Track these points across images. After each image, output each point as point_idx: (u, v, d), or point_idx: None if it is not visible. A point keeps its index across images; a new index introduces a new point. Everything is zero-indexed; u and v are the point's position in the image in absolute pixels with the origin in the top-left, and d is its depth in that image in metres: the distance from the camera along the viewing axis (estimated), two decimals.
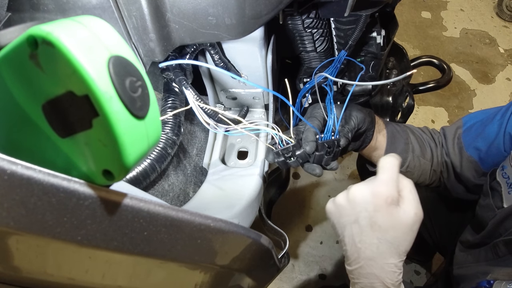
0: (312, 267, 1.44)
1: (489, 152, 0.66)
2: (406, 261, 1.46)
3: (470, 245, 0.70)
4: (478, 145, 0.68)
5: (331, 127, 0.62)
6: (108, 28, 0.24)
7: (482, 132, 0.68)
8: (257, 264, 0.49)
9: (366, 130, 0.70)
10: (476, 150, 0.69)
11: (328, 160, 0.60)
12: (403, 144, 0.74)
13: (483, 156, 0.68)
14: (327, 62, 0.81)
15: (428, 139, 0.76)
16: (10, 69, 0.25)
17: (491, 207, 0.62)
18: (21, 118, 0.27)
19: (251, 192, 0.69)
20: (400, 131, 0.75)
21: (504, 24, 2.52)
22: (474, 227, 0.69)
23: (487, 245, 0.64)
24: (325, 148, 0.59)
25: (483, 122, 0.70)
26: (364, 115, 0.68)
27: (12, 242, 0.27)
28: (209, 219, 0.33)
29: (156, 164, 0.62)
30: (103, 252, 0.30)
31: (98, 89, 0.21)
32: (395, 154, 0.50)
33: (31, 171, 0.24)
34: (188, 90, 0.59)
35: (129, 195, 0.27)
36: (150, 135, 0.25)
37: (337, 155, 0.63)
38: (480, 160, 0.68)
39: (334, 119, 0.63)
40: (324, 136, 0.61)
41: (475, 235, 0.68)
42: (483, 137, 0.68)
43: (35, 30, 0.22)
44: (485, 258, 0.65)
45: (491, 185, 0.64)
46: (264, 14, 0.52)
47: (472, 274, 0.65)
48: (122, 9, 0.46)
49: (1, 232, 0.25)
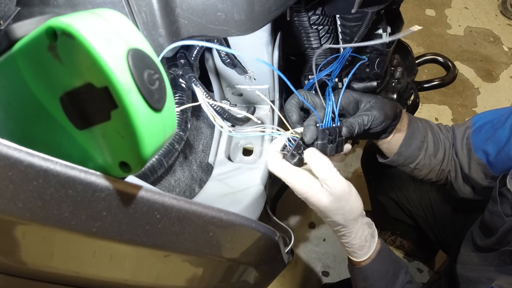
0: (315, 264, 1.44)
1: (499, 157, 0.65)
2: (409, 258, 1.47)
3: (477, 248, 0.69)
4: (487, 148, 0.67)
5: (329, 113, 0.60)
6: (126, 21, 0.24)
7: (492, 136, 0.66)
8: (265, 259, 0.49)
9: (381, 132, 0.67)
10: (485, 153, 0.67)
11: (332, 150, 0.59)
12: (419, 142, 0.72)
13: (492, 160, 0.66)
14: (332, 58, 0.81)
15: (444, 139, 0.75)
16: (27, 61, 0.25)
17: (499, 214, 0.61)
18: (37, 110, 0.27)
19: (256, 188, 0.70)
20: (421, 128, 0.73)
21: (508, 22, 2.51)
22: (484, 231, 0.68)
23: (495, 251, 0.63)
24: (326, 135, 0.57)
25: (493, 124, 0.68)
26: (383, 118, 0.63)
27: (26, 233, 0.27)
28: (222, 212, 0.34)
29: (163, 159, 0.62)
30: (115, 244, 0.30)
31: (118, 81, 0.21)
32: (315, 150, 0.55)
33: (48, 162, 0.24)
34: (198, 87, 0.59)
35: (144, 187, 0.27)
36: (166, 127, 0.25)
37: (341, 145, 0.61)
38: (489, 164, 0.67)
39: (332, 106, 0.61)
40: (324, 124, 0.59)
41: (484, 240, 0.67)
42: (493, 140, 0.66)
43: (54, 21, 0.22)
44: (491, 263, 0.64)
45: (500, 191, 0.62)
46: (273, 10, 0.52)
47: (476, 277, 0.65)
48: (132, 4, 0.47)
49: (14, 223, 0.25)
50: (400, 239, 1.44)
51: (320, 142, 0.57)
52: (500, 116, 0.68)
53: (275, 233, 0.46)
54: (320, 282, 1.41)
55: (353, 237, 0.58)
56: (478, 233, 0.70)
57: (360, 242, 0.58)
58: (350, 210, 0.54)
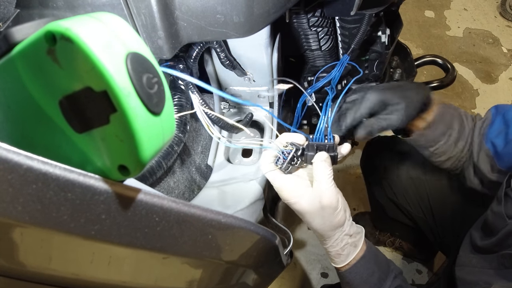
0: (314, 265, 1.44)
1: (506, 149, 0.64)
2: (408, 260, 1.47)
3: (476, 249, 0.69)
4: (496, 141, 0.66)
5: (322, 130, 0.59)
6: (125, 25, 0.24)
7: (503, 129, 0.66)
8: (264, 261, 0.49)
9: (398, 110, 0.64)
10: (493, 145, 0.67)
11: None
12: (445, 127, 0.70)
13: (500, 151, 0.65)
14: (330, 67, 0.81)
15: (469, 130, 0.73)
16: (26, 65, 0.25)
17: (502, 216, 0.60)
18: (36, 113, 0.27)
19: (255, 190, 0.70)
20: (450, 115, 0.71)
21: (507, 24, 2.52)
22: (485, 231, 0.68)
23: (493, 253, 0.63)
24: (314, 150, 0.57)
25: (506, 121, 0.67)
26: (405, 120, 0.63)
27: (25, 236, 0.27)
28: (221, 214, 0.34)
29: (162, 161, 0.62)
30: (114, 247, 0.30)
31: (117, 85, 0.21)
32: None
33: (47, 166, 0.24)
34: (195, 95, 0.59)
35: (143, 190, 0.28)
36: (165, 131, 0.25)
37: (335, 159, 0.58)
38: (496, 156, 0.66)
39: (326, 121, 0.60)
40: (315, 138, 0.58)
41: (484, 240, 0.67)
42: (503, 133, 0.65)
43: (53, 25, 0.22)
44: (489, 265, 0.63)
45: (506, 192, 0.62)
46: (272, 13, 0.52)
47: (474, 280, 0.64)
48: (131, 7, 0.47)
49: (13, 226, 0.25)
50: (399, 240, 1.44)
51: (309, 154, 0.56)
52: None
53: (275, 236, 0.46)
54: (319, 283, 1.41)
55: (329, 246, 0.59)
56: (478, 233, 0.70)
57: (336, 251, 0.59)
58: (330, 222, 0.56)
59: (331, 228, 0.57)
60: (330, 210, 0.54)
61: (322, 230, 0.57)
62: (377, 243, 1.46)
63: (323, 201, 0.53)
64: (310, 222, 0.57)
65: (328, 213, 0.54)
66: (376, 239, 1.45)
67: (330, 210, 0.54)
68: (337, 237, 0.58)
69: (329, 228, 0.56)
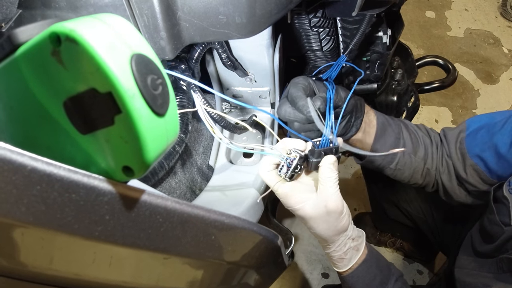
0: (315, 265, 1.44)
1: (500, 164, 0.64)
2: (409, 260, 1.47)
3: (476, 253, 0.69)
4: (484, 155, 0.65)
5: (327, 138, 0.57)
6: (129, 26, 0.24)
7: (489, 141, 0.65)
8: (266, 261, 0.49)
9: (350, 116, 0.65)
10: (482, 160, 0.66)
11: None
12: (394, 138, 0.70)
13: (492, 167, 0.65)
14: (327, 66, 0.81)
15: (423, 136, 0.73)
16: (30, 66, 0.25)
17: (498, 224, 0.61)
18: (40, 114, 0.27)
19: (257, 190, 0.70)
20: (393, 124, 0.71)
21: (508, 24, 2.52)
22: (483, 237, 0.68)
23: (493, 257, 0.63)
24: (321, 156, 0.55)
25: (489, 129, 0.66)
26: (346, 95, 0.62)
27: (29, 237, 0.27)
28: (224, 215, 0.34)
29: (164, 161, 0.62)
30: (117, 248, 0.30)
31: (122, 86, 0.21)
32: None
33: (51, 167, 0.24)
34: (197, 94, 0.59)
35: (147, 191, 0.28)
36: (169, 132, 0.25)
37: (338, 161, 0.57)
38: (488, 170, 0.66)
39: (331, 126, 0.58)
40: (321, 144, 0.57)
41: (483, 245, 0.67)
42: (490, 146, 0.65)
43: (58, 27, 0.22)
44: (488, 269, 0.64)
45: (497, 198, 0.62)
46: (274, 13, 0.52)
47: (473, 282, 0.64)
48: (133, 7, 0.47)
49: (17, 227, 0.25)
50: (400, 240, 1.44)
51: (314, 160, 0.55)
52: (496, 121, 0.66)
53: (277, 236, 0.46)
54: (319, 284, 1.41)
55: (333, 250, 0.58)
56: (477, 238, 0.70)
57: (340, 255, 0.59)
58: (335, 227, 0.55)
59: (335, 233, 0.56)
60: (336, 215, 0.53)
61: (326, 235, 0.56)
62: (378, 244, 1.46)
63: (329, 205, 0.52)
64: (314, 228, 0.55)
65: (333, 218, 0.53)
66: (377, 240, 1.45)
67: (335, 214, 0.53)
68: (341, 241, 0.57)
69: (334, 233, 0.55)
